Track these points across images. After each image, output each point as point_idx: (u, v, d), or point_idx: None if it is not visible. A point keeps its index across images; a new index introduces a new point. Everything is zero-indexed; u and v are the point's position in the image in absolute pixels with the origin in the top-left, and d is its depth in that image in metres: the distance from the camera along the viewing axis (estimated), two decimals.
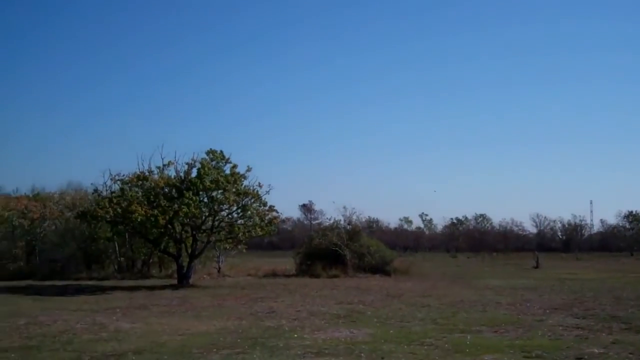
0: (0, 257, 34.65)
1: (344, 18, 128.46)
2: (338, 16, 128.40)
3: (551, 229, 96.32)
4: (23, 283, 28.36)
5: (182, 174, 27.12)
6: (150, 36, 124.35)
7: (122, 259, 33.88)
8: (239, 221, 27.59)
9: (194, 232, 27.39)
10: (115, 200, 25.85)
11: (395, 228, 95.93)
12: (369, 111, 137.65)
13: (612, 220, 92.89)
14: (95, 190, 27.95)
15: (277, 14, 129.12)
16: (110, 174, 27.48)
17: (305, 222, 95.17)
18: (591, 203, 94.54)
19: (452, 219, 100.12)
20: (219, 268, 33.93)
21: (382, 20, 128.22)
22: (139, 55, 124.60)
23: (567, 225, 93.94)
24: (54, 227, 35.85)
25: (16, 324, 14.23)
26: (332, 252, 33.51)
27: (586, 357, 9.99)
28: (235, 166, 27.23)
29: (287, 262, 36.55)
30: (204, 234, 27.56)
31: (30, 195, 39.68)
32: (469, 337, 11.94)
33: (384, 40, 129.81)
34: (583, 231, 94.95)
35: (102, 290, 24.42)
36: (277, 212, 28.33)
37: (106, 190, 27.74)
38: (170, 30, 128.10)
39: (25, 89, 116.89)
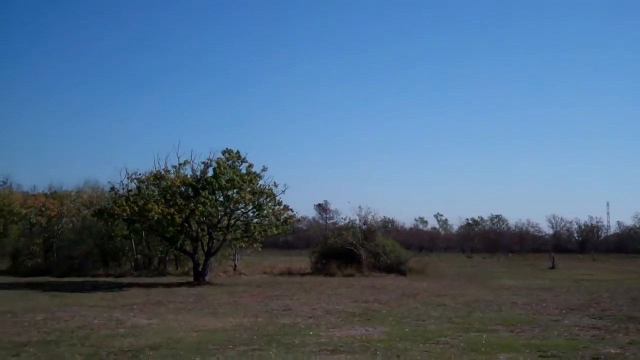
0: (19, 254, 35.25)
1: (351, 14, 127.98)
2: (344, 12, 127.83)
3: (567, 230, 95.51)
4: (41, 279, 28.75)
5: (198, 173, 27.29)
6: (161, 34, 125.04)
7: (138, 256, 34.14)
8: (255, 220, 27.71)
9: (210, 231, 27.55)
10: (132, 199, 26.08)
11: (411, 228, 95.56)
12: (379, 110, 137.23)
13: (628, 221, 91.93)
14: (112, 189, 28.14)
15: (285, 11, 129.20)
16: (127, 173, 27.74)
17: (321, 222, 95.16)
18: (608, 204, 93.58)
19: (467, 219, 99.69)
20: (235, 266, 34.18)
21: (390, 15, 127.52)
22: (148, 53, 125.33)
23: (583, 227, 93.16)
24: (71, 225, 36.33)
25: (34, 320, 14.41)
26: (347, 251, 33.53)
27: (602, 357, 9.92)
28: (251, 165, 27.38)
29: (302, 261, 36.63)
30: (220, 233, 27.67)
31: (48, 193, 40.27)
32: (484, 336, 11.90)
33: (388, 37, 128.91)
34: (599, 232, 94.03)
35: (119, 287, 24.66)
36: (293, 212, 28.46)
37: (123, 188, 27.92)
38: (178, 29, 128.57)
39: (38, 89, 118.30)
